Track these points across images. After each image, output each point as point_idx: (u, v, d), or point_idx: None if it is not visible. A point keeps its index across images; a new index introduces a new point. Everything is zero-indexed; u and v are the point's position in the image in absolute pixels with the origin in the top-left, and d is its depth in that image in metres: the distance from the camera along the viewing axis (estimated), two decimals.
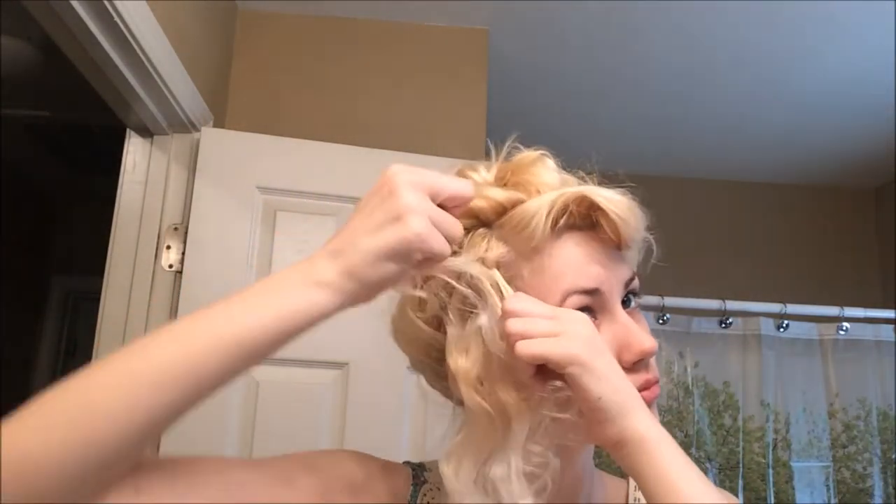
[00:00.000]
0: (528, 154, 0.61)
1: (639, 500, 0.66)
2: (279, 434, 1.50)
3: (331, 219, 1.64)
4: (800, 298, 2.14)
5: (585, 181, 0.61)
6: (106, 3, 1.09)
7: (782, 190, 3.04)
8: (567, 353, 0.50)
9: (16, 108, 2.46)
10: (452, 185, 0.53)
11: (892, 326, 2.17)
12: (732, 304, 2.07)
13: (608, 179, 0.59)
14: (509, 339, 0.52)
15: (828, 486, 2.07)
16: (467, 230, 0.58)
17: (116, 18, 1.13)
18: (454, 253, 0.55)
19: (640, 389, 0.55)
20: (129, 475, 0.48)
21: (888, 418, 2.12)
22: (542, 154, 0.61)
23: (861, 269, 2.95)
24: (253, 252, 1.59)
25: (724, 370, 2.10)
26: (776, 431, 2.06)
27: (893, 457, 2.10)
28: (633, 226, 0.56)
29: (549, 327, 0.51)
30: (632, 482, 0.68)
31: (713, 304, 2.07)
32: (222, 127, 1.81)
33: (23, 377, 3.18)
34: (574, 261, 0.56)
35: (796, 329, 2.15)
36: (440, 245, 0.50)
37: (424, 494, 0.64)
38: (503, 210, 0.58)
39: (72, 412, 0.44)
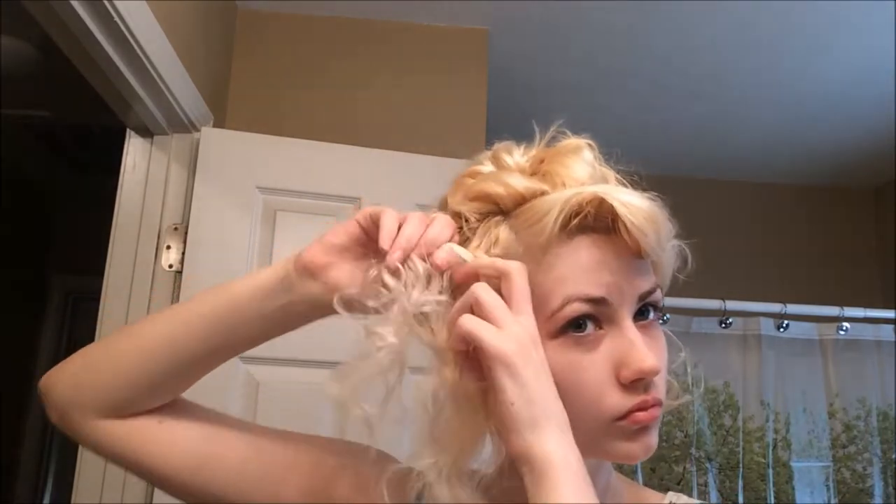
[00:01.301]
0: (569, 142, 0.58)
1: None
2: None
3: (331, 219, 1.63)
4: (800, 298, 2.14)
5: (623, 179, 0.58)
6: (106, 3, 1.09)
7: (782, 190, 3.04)
8: (500, 345, 0.48)
9: (16, 108, 2.45)
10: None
11: (892, 326, 2.17)
12: (732, 304, 2.07)
13: (634, 178, 0.56)
14: (455, 313, 0.51)
15: (828, 486, 2.07)
16: (484, 215, 0.57)
17: (116, 18, 1.13)
18: (466, 239, 0.57)
19: (635, 410, 0.52)
20: (159, 409, 0.61)
21: (888, 418, 2.12)
22: (586, 144, 0.58)
23: (861, 269, 2.95)
24: (253, 252, 1.59)
25: (724, 370, 2.10)
26: (776, 431, 2.06)
27: (893, 457, 2.10)
28: (654, 235, 0.51)
29: (496, 316, 0.50)
30: (669, 497, 0.63)
31: (713, 304, 2.07)
32: (222, 127, 1.81)
33: (23, 377, 3.18)
34: (582, 265, 0.52)
35: (796, 329, 2.15)
36: (385, 216, 0.55)
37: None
38: (522, 200, 0.55)
39: (122, 343, 0.62)
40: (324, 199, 1.64)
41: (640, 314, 0.55)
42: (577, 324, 0.52)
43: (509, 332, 0.49)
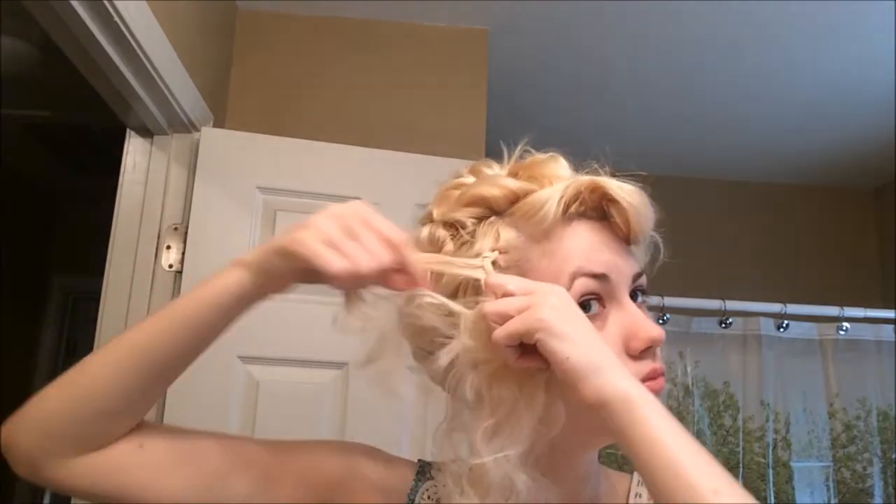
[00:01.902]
0: (542, 155, 0.62)
1: (640, 495, 0.65)
2: (279, 434, 1.50)
3: None
4: (800, 298, 2.14)
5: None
6: (106, 3, 1.09)
7: (782, 190, 3.04)
8: (532, 321, 0.51)
9: (16, 108, 2.45)
10: (382, 225, 0.55)
11: (892, 326, 2.17)
12: (732, 304, 2.07)
13: (620, 176, 0.59)
14: (488, 324, 0.53)
15: (828, 486, 2.07)
16: (478, 219, 0.59)
17: (116, 18, 1.13)
18: (464, 244, 0.59)
19: (646, 379, 0.55)
20: (135, 433, 0.58)
21: (888, 418, 2.12)
22: (555, 154, 0.62)
23: (861, 269, 2.95)
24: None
25: (724, 370, 2.10)
26: (776, 431, 2.06)
27: (893, 457, 2.10)
28: (645, 217, 0.57)
29: (520, 303, 0.52)
30: (635, 477, 0.67)
31: (713, 304, 2.07)
32: (222, 127, 1.81)
33: (23, 377, 3.18)
34: (584, 245, 0.57)
35: (796, 329, 2.15)
36: (321, 261, 0.52)
37: (426, 490, 0.64)
38: (515, 198, 0.59)
39: (75, 378, 0.58)
40: (324, 199, 1.64)
41: (630, 297, 0.59)
42: (583, 305, 0.56)
43: (536, 308, 0.51)
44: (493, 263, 0.57)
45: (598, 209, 0.58)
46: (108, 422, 0.57)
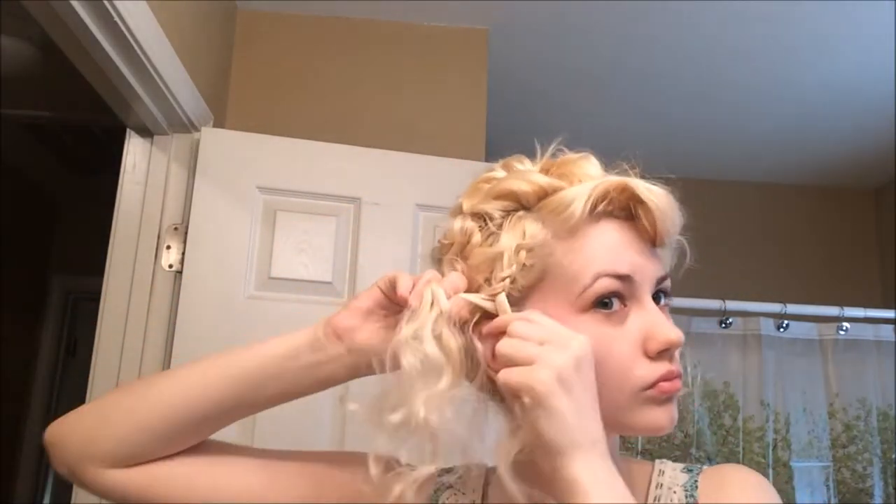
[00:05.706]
0: (573, 154, 0.63)
1: (661, 484, 0.64)
2: (279, 434, 1.50)
3: (331, 219, 1.63)
4: (800, 298, 2.14)
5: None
6: (106, 3, 1.09)
7: (782, 190, 3.04)
8: (527, 383, 0.51)
9: (16, 108, 2.45)
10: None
11: (892, 326, 2.17)
12: (732, 304, 2.07)
13: (650, 178, 0.60)
14: (497, 362, 0.54)
15: (828, 486, 2.07)
16: (507, 212, 0.60)
17: (116, 18, 1.13)
18: (490, 235, 0.60)
19: (661, 380, 0.56)
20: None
21: (888, 418, 2.12)
22: (587, 154, 0.62)
23: (861, 269, 2.95)
24: (253, 252, 1.59)
25: (724, 370, 2.10)
26: (776, 431, 2.06)
27: (893, 457, 2.10)
28: (671, 220, 0.58)
29: (528, 354, 0.52)
30: (657, 465, 0.66)
31: (713, 304, 2.07)
32: (222, 127, 1.81)
33: (23, 377, 3.18)
34: (610, 245, 0.57)
35: (796, 329, 2.15)
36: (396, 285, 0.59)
37: (448, 498, 0.65)
38: (544, 194, 0.59)
39: (139, 397, 0.63)
40: (324, 199, 1.64)
41: (653, 299, 0.59)
42: (603, 302, 0.57)
43: (538, 367, 0.51)
44: (508, 296, 0.58)
45: (626, 209, 0.59)
46: (162, 446, 0.61)
